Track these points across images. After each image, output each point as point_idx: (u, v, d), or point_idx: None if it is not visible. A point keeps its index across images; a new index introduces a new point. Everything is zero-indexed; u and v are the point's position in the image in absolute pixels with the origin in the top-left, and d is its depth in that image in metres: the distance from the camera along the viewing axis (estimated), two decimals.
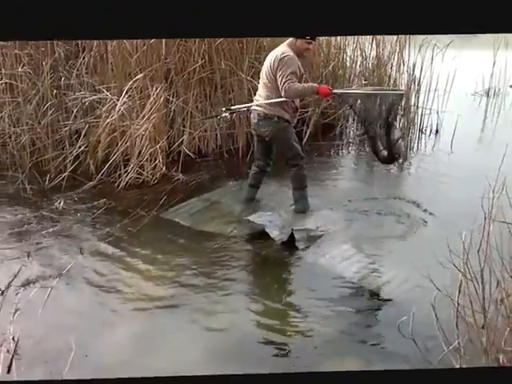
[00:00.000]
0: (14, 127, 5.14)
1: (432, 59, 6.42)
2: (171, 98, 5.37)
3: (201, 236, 3.98)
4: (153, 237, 3.98)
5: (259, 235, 3.92)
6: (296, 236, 3.78)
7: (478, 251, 2.39)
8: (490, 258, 2.38)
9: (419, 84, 6.51)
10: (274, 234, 3.86)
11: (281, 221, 4.04)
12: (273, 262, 3.67)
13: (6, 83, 5.21)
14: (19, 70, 5.14)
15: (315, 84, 4.21)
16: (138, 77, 4.95)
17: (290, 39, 4.01)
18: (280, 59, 3.92)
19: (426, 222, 4.20)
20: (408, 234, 4.04)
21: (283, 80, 3.89)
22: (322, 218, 4.18)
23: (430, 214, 4.32)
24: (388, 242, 3.92)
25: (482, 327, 2.35)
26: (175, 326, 2.91)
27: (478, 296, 2.37)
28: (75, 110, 5.13)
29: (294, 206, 4.29)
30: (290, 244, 3.77)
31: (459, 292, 2.44)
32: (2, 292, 3.19)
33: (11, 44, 5.21)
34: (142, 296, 3.20)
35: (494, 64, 8.62)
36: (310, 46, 4.04)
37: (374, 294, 3.22)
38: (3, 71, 5.22)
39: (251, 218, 4.05)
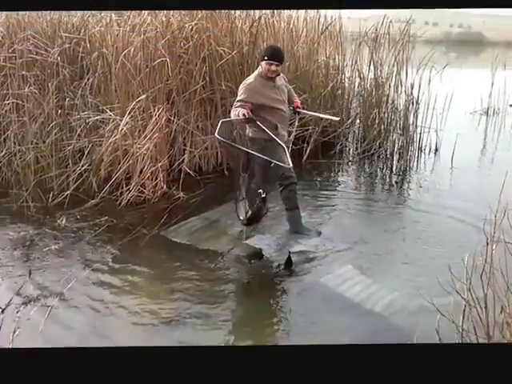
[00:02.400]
0: (20, 146, 5.26)
1: (430, 79, 6.53)
2: (173, 118, 5.50)
3: (200, 255, 4.04)
4: (152, 255, 4.05)
5: (258, 255, 3.98)
6: (293, 259, 3.82)
7: (481, 275, 2.40)
8: (494, 281, 2.39)
9: (418, 103, 6.62)
10: (272, 256, 3.93)
11: (278, 243, 4.10)
12: (271, 282, 3.70)
13: (12, 103, 5.35)
14: (26, 90, 5.28)
15: (242, 110, 3.88)
16: (140, 97, 5.08)
17: (259, 65, 4.08)
18: (240, 86, 4.10)
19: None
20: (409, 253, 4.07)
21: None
22: (322, 239, 4.23)
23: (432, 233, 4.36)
24: (390, 264, 3.94)
25: None
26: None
27: (482, 321, 2.37)
28: (79, 130, 5.26)
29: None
30: (289, 265, 3.81)
31: (463, 317, 2.44)
32: (3, 310, 3.24)
33: (18, 65, 5.36)
34: (142, 312, 3.26)
35: (492, 83, 8.75)
36: (272, 67, 3.99)
37: (377, 317, 3.22)
38: (10, 91, 5.37)
39: (249, 242, 4.12)
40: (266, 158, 3.68)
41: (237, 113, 3.88)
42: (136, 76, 5.24)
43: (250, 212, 3.85)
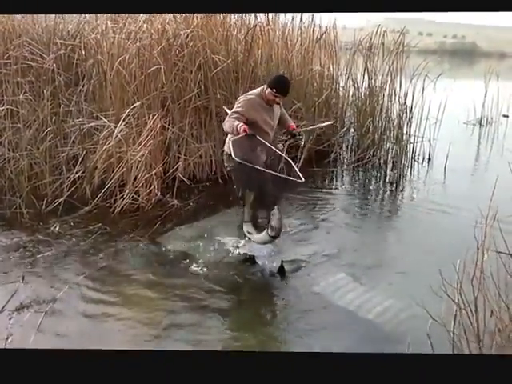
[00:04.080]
0: (14, 152, 5.25)
1: (423, 89, 6.58)
2: (167, 126, 5.51)
3: (193, 262, 4.04)
4: (146, 262, 4.05)
5: (250, 263, 3.99)
6: (286, 268, 3.83)
7: (472, 280, 2.43)
8: (485, 287, 2.42)
9: (411, 112, 6.67)
10: (264, 264, 3.94)
11: (271, 251, 4.11)
12: (264, 290, 3.72)
13: (7, 109, 5.33)
14: (20, 96, 5.28)
15: (241, 125, 3.85)
16: (135, 105, 5.09)
17: (263, 86, 4.08)
18: (240, 98, 4.12)
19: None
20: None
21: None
22: (315, 247, 4.24)
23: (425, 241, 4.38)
24: (383, 272, 3.95)
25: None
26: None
27: (472, 326, 2.39)
28: (73, 136, 5.26)
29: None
30: (282, 273, 3.83)
31: (454, 322, 2.46)
32: None
33: (13, 71, 5.36)
34: (134, 321, 3.26)
35: (485, 93, 8.83)
36: (277, 99, 4.02)
37: (369, 323, 3.23)
38: (5, 98, 5.36)
39: (242, 250, 4.14)
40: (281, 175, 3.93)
41: (235, 125, 3.86)
42: (131, 83, 5.25)
43: (274, 225, 3.85)
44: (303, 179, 3.72)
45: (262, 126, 4.03)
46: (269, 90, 3.99)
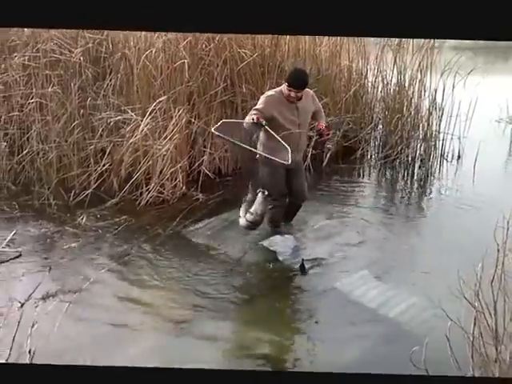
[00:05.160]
0: (43, 144, 5.34)
1: (454, 86, 6.43)
2: (193, 120, 5.52)
3: (216, 256, 4.05)
4: (170, 254, 4.07)
5: (272, 259, 3.97)
6: (306, 266, 3.80)
7: (492, 283, 2.37)
8: (505, 289, 2.36)
9: (441, 109, 6.52)
10: (286, 261, 3.92)
11: (293, 247, 4.08)
12: (285, 287, 3.70)
13: (36, 102, 5.43)
14: (49, 89, 5.37)
15: (255, 112, 3.94)
16: (161, 99, 5.11)
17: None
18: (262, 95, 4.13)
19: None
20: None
21: None
22: (338, 245, 4.20)
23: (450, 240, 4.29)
24: (407, 272, 3.89)
25: (495, 361, 2.31)
26: (185, 344, 2.98)
27: (491, 328, 2.33)
28: (101, 130, 5.32)
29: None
30: (302, 270, 3.80)
31: (474, 324, 2.40)
32: (22, 305, 3.31)
33: (42, 65, 5.45)
34: (157, 313, 3.29)
35: None
36: (291, 93, 3.94)
37: (389, 322, 3.19)
38: (34, 91, 5.46)
39: (264, 243, 4.13)
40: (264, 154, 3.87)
41: (249, 118, 3.91)
42: (157, 77, 5.28)
43: (253, 210, 3.95)
44: (289, 161, 3.74)
45: (282, 123, 4.00)
46: (285, 85, 3.96)
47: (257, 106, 4.01)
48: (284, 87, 3.99)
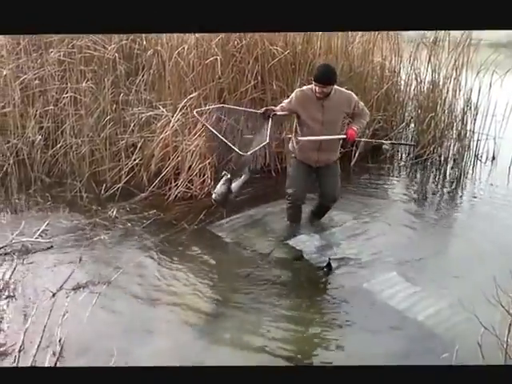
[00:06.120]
0: (76, 138, 5.46)
1: (490, 85, 6.28)
2: (223, 117, 5.53)
3: (242, 253, 4.07)
4: (196, 249, 4.12)
5: (298, 257, 3.97)
6: (333, 265, 3.78)
7: None
8: None
9: (476, 108, 6.38)
10: (312, 259, 3.91)
11: (321, 245, 4.07)
12: (311, 286, 3.68)
13: (70, 97, 5.55)
14: (83, 84, 5.48)
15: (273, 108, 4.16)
16: (192, 95, 5.15)
17: None
18: None
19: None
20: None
21: None
22: (366, 245, 4.16)
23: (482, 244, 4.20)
24: (436, 273, 3.82)
25: None
26: (212, 340, 3.02)
27: None
28: (132, 125, 5.39)
29: None
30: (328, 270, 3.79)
31: (509, 331, 2.35)
32: (54, 294, 3.41)
33: (77, 60, 5.56)
34: (185, 306, 3.34)
35: None
36: (317, 89, 3.91)
37: (417, 325, 3.15)
38: (69, 85, 5.58)
39: (291, 242, 4.13)
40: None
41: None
42: (189, 73, 5.31)
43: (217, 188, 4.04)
44: (267, 140, 3.89)
45: (307, 120, 4.02)
46: (314, 82, 3.95)
47: (286, 101, 4.08)
48: (313, 85, 3.97)
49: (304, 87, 4.13)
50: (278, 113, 4.09)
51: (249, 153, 3.87)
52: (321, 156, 4.13)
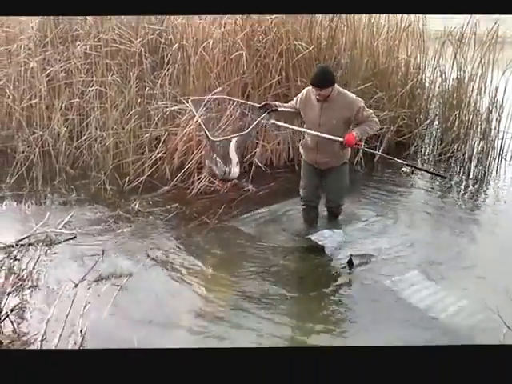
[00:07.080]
0: (100, 131, 5.52)
1: None
2: (246, 112, 5.54)
3: (262, 248, 4.08)
4: (219, 243, 4.14)
5: (320, 252, 3.97)
6: (354, 261, 3.77)
7: None
8: None
9: (501, 107, 6.28)
10: (334, 255, 3.91)
11: (342, 242, 4.06)
12: (331, 282, 3.67)
13: (96, 90, 5.61)
14: (109, 78, 5.53)
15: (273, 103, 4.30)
16: (216, 90, 5.16)
17: None
18: None
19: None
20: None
21: None
22: (387, 242, 4.14)
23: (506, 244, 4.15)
24: (458, 271, 3.79)
25: None
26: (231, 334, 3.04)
27: None
28: (156, 118, 5.43)
29: None
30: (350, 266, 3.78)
31: None
32: (76, 285, 3.46)
33: (103, 54, 5.62)
34: (205, 298, 3.37)
35: None
36: (315, 91, 3.90)
37: (439, 324, 3.13)
38: (94, 78, 5.64)
39: (313, 237, 4.12)
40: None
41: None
42: (213, 68, 5.33)
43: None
44: (247, 131, 4.07)
45: (304, 119, 4.10)
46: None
47: (294, 98, 4.18)
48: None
49: (311, 86, 4.10)
50: (280, 109, 4.12)
51: (218, 139, 4.03)
52: (319, 158, 4.11)
